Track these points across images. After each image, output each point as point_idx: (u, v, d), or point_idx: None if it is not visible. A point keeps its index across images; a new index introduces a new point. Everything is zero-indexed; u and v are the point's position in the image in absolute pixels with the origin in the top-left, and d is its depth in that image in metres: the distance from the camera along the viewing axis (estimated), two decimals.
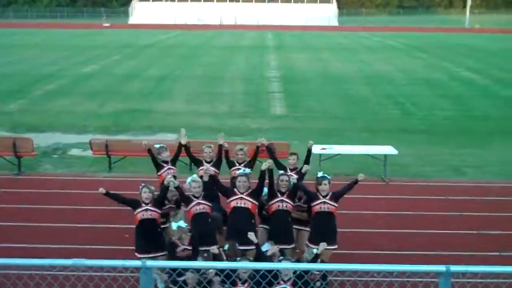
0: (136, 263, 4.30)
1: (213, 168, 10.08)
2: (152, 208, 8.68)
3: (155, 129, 20.68)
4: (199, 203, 8.86)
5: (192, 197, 8.94)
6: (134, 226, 8.83)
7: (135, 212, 8.69)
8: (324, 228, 8.93)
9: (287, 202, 9.13)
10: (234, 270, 7.15)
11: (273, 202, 9.12)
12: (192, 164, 11.33)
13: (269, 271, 7.24)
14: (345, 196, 8.98)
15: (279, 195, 9.15)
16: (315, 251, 8.22)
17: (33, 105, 25.16)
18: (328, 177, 9.29)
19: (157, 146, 10.76)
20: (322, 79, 33.37)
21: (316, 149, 15.59)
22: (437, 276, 4.20)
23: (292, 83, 32.12)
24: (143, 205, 8.66)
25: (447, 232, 11.87)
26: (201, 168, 10.11)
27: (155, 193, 8.90)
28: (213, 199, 9.25)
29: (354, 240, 11.12)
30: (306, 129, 20.98)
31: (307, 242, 9.09)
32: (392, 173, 15.61)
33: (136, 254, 8.70)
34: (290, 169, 10.27)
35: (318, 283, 7.58)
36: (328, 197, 9.08)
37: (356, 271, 5.67)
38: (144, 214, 8.62)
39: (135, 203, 8.77)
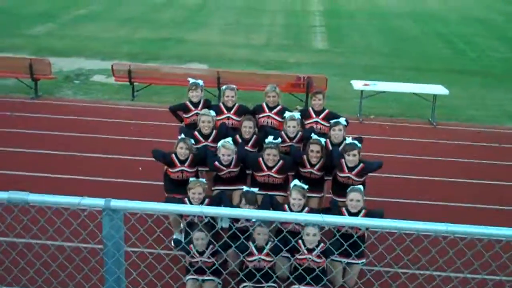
0: (98, 202, 3.05)
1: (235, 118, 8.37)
2: (189, 170, 7.42)
3: (185, 58, 19.32)
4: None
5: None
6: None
7: (170, 170, 7.46)
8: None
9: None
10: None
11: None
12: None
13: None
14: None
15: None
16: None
17: (61, 29, 23.93)
18: (359, 144, 7.34)
19: (191, 80, 8.70)
20: (368, 15, 31.18)
21: (358, 85, 14.09)
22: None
23: (336, 17, 30.11)
24: (178, 164, 7.38)
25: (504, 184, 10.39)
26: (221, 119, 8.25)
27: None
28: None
29: (399, 187, 9.79)
30: (348, 65, 19.38)
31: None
32: (441, 116, 14.04)
33: (166, 193, 7.62)
34: (315, 111, 8.35)
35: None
36: (354, 172, 7.23)
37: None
38: (178, 176, 7.42)
39: (169, 161, 7.46)
